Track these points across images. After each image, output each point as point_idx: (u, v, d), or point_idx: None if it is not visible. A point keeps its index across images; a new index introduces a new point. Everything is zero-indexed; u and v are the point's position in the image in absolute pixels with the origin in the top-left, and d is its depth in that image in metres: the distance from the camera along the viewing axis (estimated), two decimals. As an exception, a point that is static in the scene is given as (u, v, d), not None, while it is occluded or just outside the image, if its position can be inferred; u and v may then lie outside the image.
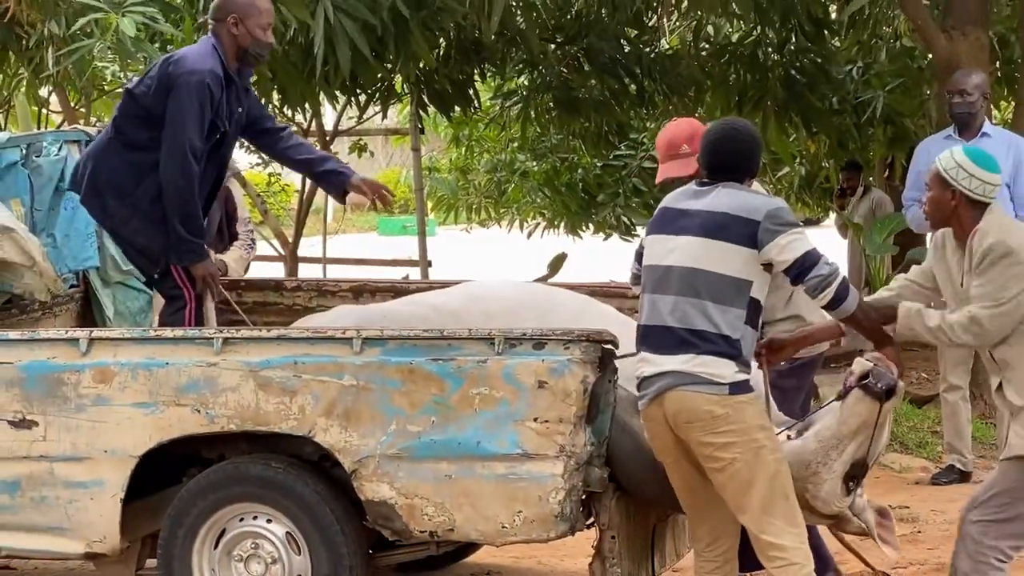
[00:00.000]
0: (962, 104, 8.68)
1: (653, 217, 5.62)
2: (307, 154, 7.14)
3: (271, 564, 5.88)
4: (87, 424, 5.91)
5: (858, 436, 5.52)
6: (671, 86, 12.43)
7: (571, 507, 5.56)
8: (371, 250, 19.60)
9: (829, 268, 5.33)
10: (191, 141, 6.53)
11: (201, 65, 6.56)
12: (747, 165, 5.55)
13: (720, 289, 5.36)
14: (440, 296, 6.50)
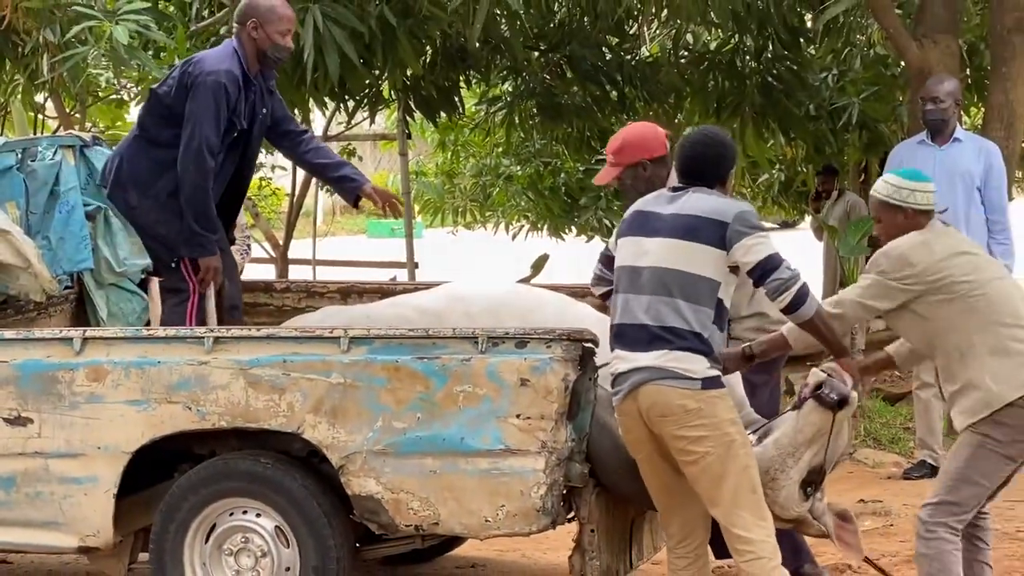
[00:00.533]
0: (935, 111, 8.70)
1: (625, 220, 5.63)
2: (324, 159, 7.21)
3: (261, 557, 5.88)
4: (81, 421, 5.91)
5: (814, 444, 5.55)
6: (651, 93, 12.45)
7: (552, 501, 5.57)
8: (360, 252, 19.60)
9: (790, 273, 5.35)
10: (207, 139, 6.62)
11: (218, 66, 6.66)
12: (715, 171, 5.58)
13: (691, 288, 5.39)
14: (423, 297, 6.52)
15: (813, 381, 5.51)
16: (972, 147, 8.73)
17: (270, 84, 7.00)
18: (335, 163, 7.24)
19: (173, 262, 6.82)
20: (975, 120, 16.02)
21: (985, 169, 8.65)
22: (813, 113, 12.80)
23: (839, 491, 8.47)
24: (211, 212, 6.76)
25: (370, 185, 7.12)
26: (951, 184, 8.58)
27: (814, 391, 5.49)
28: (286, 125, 7.15)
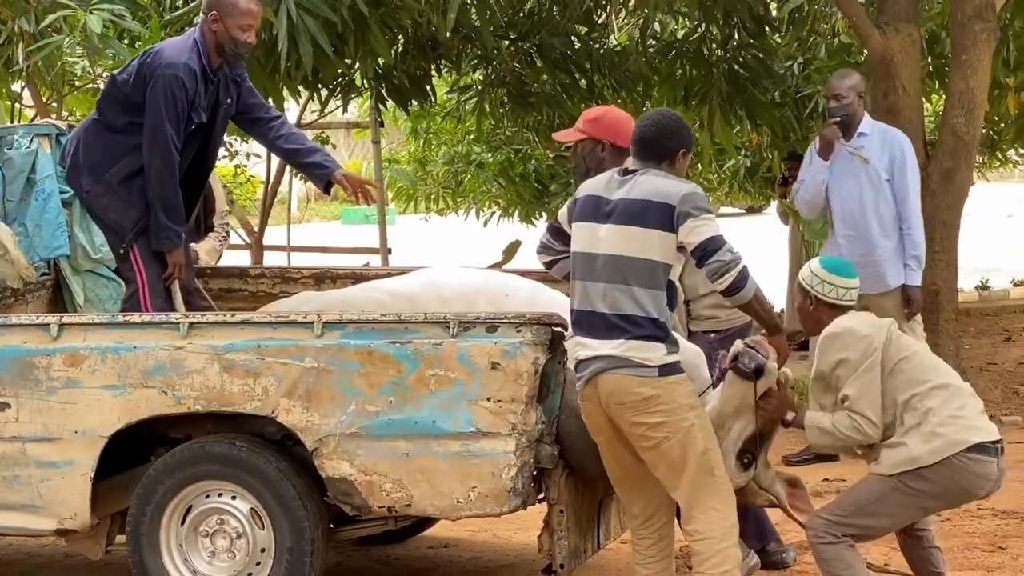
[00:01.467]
0: (838, 108, 8.56)
1: (577, 203, 5.59)
2: (296, 144, 7.12)
3: (236, 539, 5.88)
4: (58, 406, 5.90)
5: (741, 416, 5.56)
6: (620, 81, 12.44)
7: (523, 483, 5.58)
8: (334, 238, 19.54)
9: (731, 256, 5.34)
10: (169, 133, 6.55)
11: (177, 59, 6.59)
12: (666, 145, 5.51)
13: (645, 274, 5.38)
14: (398, 282, 6.51)
15: (731, 353, 5.53)
16: (877, 140, 8.54)
17: (236, 74, 6.90)
18: (307, 148, 7.17)
19: (122, 249, 6.77)
20: (936, 107, 16.09)
21: (890, 160, 8.50)
22: (778, 100, 12.82)
23: (804, 470, 8.50)
24: (179, 205, 6.71)
25: (341, 171, 7.05)
26: (856, 180, 8.51)
27: (731, 362, 5.51)
28: (257, 112, 7.08)
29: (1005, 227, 25.46)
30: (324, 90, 11.76)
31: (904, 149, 8.54)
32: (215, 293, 7.34)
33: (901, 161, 8.49)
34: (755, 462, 5.64)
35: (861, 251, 8.34)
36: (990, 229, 23.10)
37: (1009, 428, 10.32)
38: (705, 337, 6.31)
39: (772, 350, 5.51)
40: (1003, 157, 18.29)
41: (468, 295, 6.18)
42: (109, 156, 6.73)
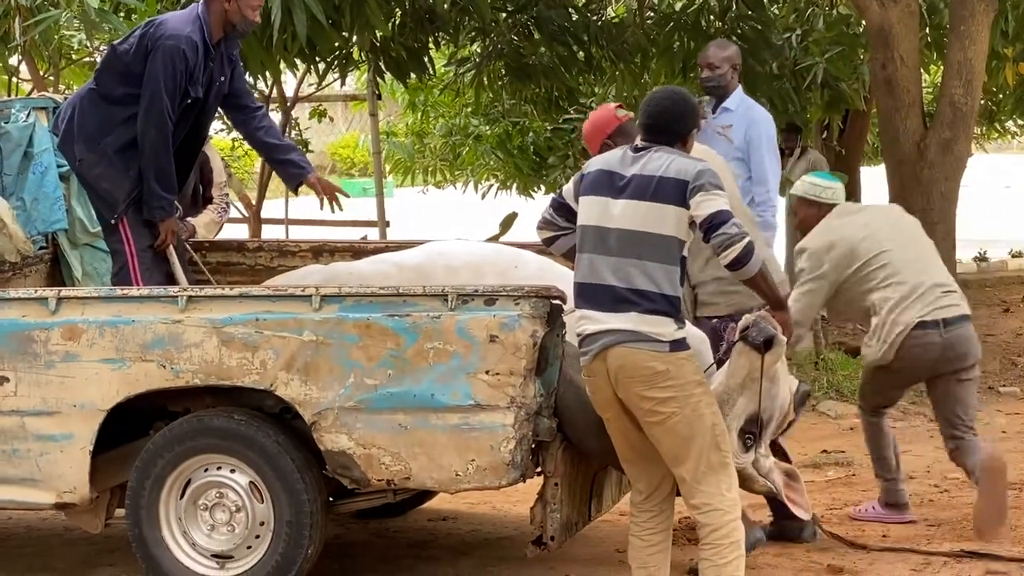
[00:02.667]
0: (712, 77, 8.23)
1: (588, 177, 5.56)
2: (274, 139, 7.13)
3: (235, 512, 5.87)
4: (57, 380, 5.89)
5: (746, 390, 5.54)
6: (617, 53, 12.41)
7: (521, 455, 5.56)
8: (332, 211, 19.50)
9: (737, 230, 5.32)
10: (166, 104, 6.54)
11: (179, 31, 6.59)
12: (679, 127, 5.53)
13: (660, 249, 5.36)
14: (404, 255, 6.48)
15: (740, 325, 5.52)
16: (739, 116, 8.18)
17: (232, 53, 6.91)
18: (284, 146, 7.16)
19: (113, 219, 6.77)
20: (934, 78, 16.06)
21: (746, 139, 8.17)
22: (776, 72, 12.79)
23: (803, 442, 8.54)
24: (172, 174, 6.72)
25: (314, 175, 7.07)
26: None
27: (741, 334, 5.50)
28: (244, 99, 7.08)
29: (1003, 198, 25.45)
30: (321, 63, 11.72)
31: (761, 130, 8.19)
32: (213, 267, 7.33)
33: (757, 142, 8.13)
34: (756, 444, 5.62)
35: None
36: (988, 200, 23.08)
37: (1007, 399, 10.35)
38: (708, 322, 6.28)
39: (777, 323, 5.50)
40: (1001, 128, 18.30)
41: (477, 267, 6.15)
42: (105, 125, 6.72)
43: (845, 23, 13.16)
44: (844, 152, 16.19)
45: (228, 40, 6.81)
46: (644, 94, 9.02)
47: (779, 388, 5.65)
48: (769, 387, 5.57)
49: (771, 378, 5.56)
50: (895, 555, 6.49)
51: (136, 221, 6.77)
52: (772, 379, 5.57)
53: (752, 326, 5.47)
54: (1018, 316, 14.71)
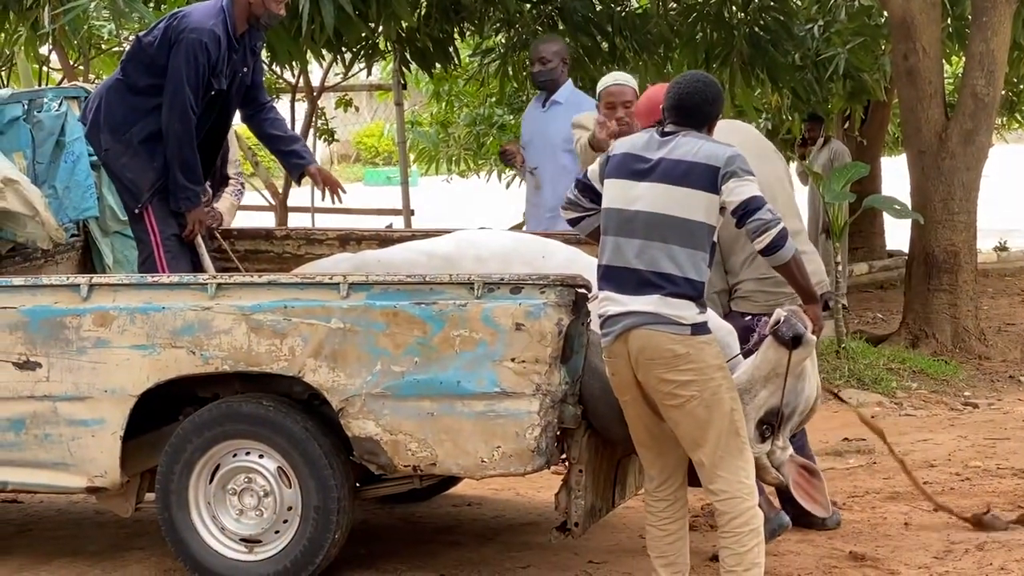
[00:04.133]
0: (543, 72, 8.25)
1: (614, 159, 5.53)
2: (279, 131, 7.16)
3: (263, 497, 5.89)
4: (88, 365, 5.91)
5: (769, 383, 5.50)
6: (641, 44, 12.37)
7: (547, 442, 5.56)
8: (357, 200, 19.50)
9: (771, 215, 5.30)
10: (189, 97, 6.56)
11: (203, 24, 6.59)
12: (709, 112, 5.51)
13: (686, 234, 5.34)
14: (434, 243, 6.48)
15: (773, 319, 5.49)
16: (569, 108, 8.12)
17: (255, 45, 6.93)
18: (288, 137, 7.20)
19: (137, 209, 6.79)
20: (956, 69, 16.00)
21: (570, 136, 8.00)
22: (799, 63, 12.76)
23: (824, 430, 8.53)
24: (197, 165, 6.75)
25: (316, 166, 7.12)
26: (543, 147, 8.23)
27: (771, 328, 5.48)
28: (256, 92, 7.11)
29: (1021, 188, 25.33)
30: (348, 53, 11.73)
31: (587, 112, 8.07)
32: (241, 255, 7.34)
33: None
34: (773, 436, 5.60)
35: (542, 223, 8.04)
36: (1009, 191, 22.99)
37: (1026, 388, 10.32)
38: (741, 319, 6.24)
39: (808, 320, 5.47)
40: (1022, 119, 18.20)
41: (505, 256, 6.13)
42: (131, 116, 6.75)
43: (867, 14, 13.13)
44: (865, 142, 16.16)
45: (252, 32, 6.81)
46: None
47: (805, 384, 5.60)
48: (794, 383, 5.54)
49: (797, 375, 5.52)
50: (917, 542, 6.48)
51: (162, 210, 6.79)
52: (798, 376, 5.53)
53: (783, 322, 5.42)
54: (1038, 306, 14.67)
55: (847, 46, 12.74)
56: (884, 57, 13.44)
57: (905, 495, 7.21)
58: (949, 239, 11.07)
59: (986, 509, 6.81)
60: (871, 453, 8.21)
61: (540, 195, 8.28)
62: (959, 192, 11.04)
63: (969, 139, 10.99)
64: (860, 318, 13.24)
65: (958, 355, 10.90)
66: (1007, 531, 6.57)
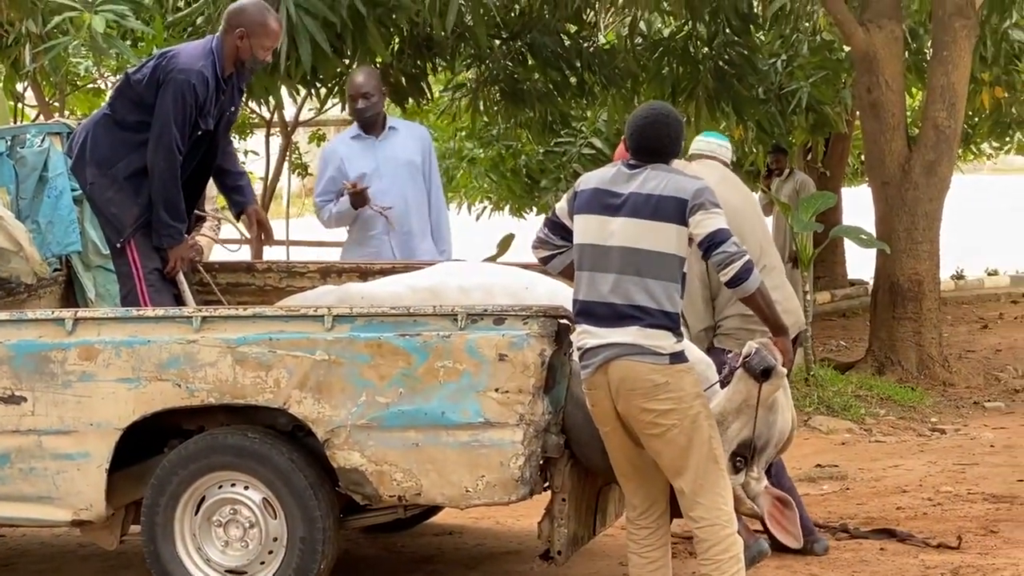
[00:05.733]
0: (369, 107, 7.87)
1: (583, 195, 5.48)
2: (228, 165, 7.04)
3: (249, 528, 5.80)
4: (73, 399, 5.81)
5: (741, 415, 5.44)
6: (609, 78, 12.41)
7: (531, 472, 5.50)
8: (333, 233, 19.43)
9: (736, 248, 5.27)
10: (175, 137, 6.49)
11: (192, 65, 6.50)
12: (674, 147, 5.48)
13: (659, 266, 5.31)
14: (417, 275, 6.42)
15: (744, 352, 5.43)
16: (407, 135, 7.99)
17: (242, 85, 6.88)
18: (236, 173, 7.09)
19: (119, 243, 6.70)
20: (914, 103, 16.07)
21: (424, 155, 7.94)
22: (763, 96, 12.80)
23: (796, 457, 8.48)
24: (180, 203, 6.65)
25: (253, 208, 7.01)
26: (397, 174, 7.85)
27: (743, 361, 5.43)
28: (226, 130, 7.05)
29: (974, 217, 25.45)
30: (323, 88, 11.68)
31: (430, 141, 8.11)
32: (222, 288, 7.24)
33: (431, 153, 8.03)
34: (746, 467, 5.54)
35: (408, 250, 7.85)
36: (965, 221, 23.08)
37: (992, 413, 10.33)
38: (722, 354, 6.18)
39: (779, 353, 5.42)
40: (977, 150, 18.30)
41: (489, 288, 6.08)
42: (117, 151, 6.66)
43: (828, 48, 13.19)
44: (828, 173, 16.22)
45: (239, 73, 6.75)
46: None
47: (777, 416, 5.54)
48: (766, 415, 5.48)
49: (769, 406, 5.47)
50: (893, 567, 6.44)
51: (144, 244, 6.70)
52: (770, 407, 5.48)
53: (754, 354, 5.37)
54: (996, 332, 14.73)
55: (809, 80, 12.81)
56: (845, 90, 13.49)
57: (879, 520, 7.17)
58: (913, 268, 11.09)
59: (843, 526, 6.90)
60: (844, 479, 8.18)
61: (394, 231, 7.86)
62: (922, 222, 11.06)
63: (931, 170, 11.02)
64: (824, 346, 13.24)
65: (923, 382, 10.91)
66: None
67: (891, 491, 7.82)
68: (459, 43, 11.88)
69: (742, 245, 5.32)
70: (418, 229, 7.92)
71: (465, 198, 16.25)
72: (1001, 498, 7.62)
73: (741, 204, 6.34)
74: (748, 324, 6.18)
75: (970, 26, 10.95)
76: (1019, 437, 9.41)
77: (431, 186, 8.03)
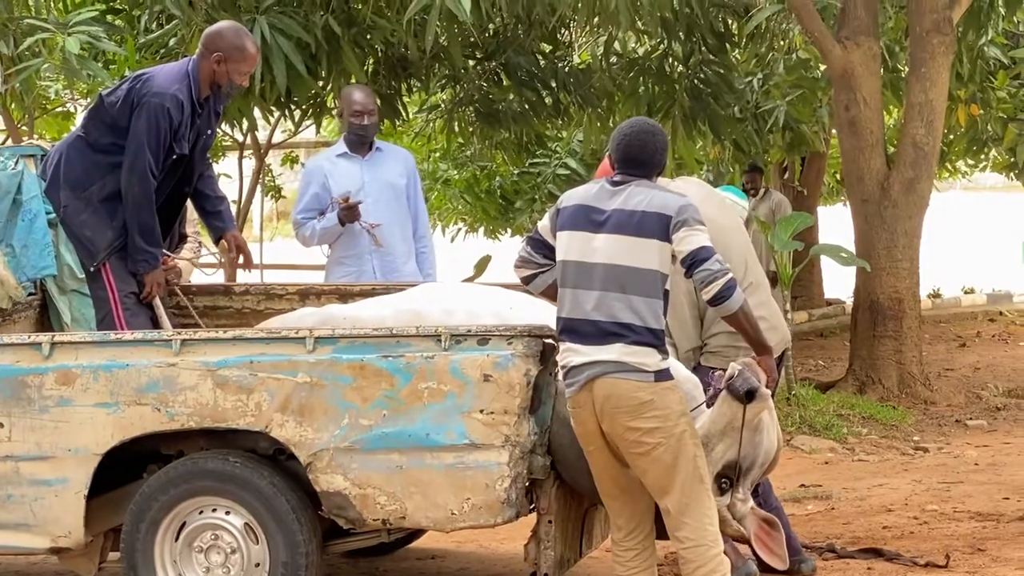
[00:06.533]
0: (371, 125, 7.93)
1: (563, 212, 5.47)
2: (208, 190, 7.01)
3: (230, 554, 5.74)
4: (51, 424, 5.75)
5: (726, 437, 5.41)
6: (584, 98, 12.40)
7: (516, 494, 5.47)
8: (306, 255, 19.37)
9: (719, 266, 5.25)
10: (149, 161, 6.43)
11: (166, 88, 6.46)
12: (658, 162, 5.47)
13: (643, 283, 5.29)
14: (400, 296, 6.38)
15: (728, 373, 5.40)
16: (392, 156, 8.03)
17: (219, 108, 6.83)
18: (216, 198, 7.06)
19: (93, 267, 6.65)
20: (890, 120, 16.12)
21: (409, 177, 7.96)
22: (739, 115, 12.81)
23: (780, 477, 8.46)
24: (156, 228, 6.61)
25: (232, 234, 6.98)
26: (382, 195, 7.86)
27: (727, 382, 5.39)
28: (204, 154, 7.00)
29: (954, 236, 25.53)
30: (297, 110, 11.64)
31: (415, 165, 8.12)
32: (200, 311, 7.19)
33: (415, 177, 8.04)
34: (732, 489, 5.51)
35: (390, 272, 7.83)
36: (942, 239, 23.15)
37: (974, 431, 10.33)
38: (710, 372, 6.15)
39: (762, 374, 5.39)
40: (952, 168, 18.37)
41: (472, 308, 6.05)
42: (91, 173, 6.61)
43: (804, 67, 13.22)
44: (805, 192, 16.25)
45: (215, 97, 6.70)
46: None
47: (763, 436, 5.50)
48: (751, 436, 5.44)
49: (754, 428, 5.43)
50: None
51: (119, 268, 6.65)
52: (755, 428, 5.44)
53: (737, 376, 5.34)
54: (974, 351, 14.76)
55: (786, 98, 12.83)
56: (822, 109, 13.52)
57: (866, 539, 7.15)
58: (893, 286, 11.10)
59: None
60: (828, 499, 8.17)
61: (381, 250, 7.84)
62: (902, 239, 11.08)
63: (910, 187, 11.04)
64: (803, 365, 13.23)
65: (904, 400, 10.91)
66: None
67: (876, 510, 7.80)
68: (434, 63, 11.86)
69: (725, 263, 5.30)
70: (401, 251, 7.89)
71: (440, 220, 16.22)
72: (987, 516, 7.61)
73: (725, 222, 6.33)
74: (735, 342, 6.15)
75: (947, 42, 10.99)
76: (1003, 455, 9.42)
77: (416, 211, 8.03)
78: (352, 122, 7.91)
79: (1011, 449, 9.63)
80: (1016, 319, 16.99)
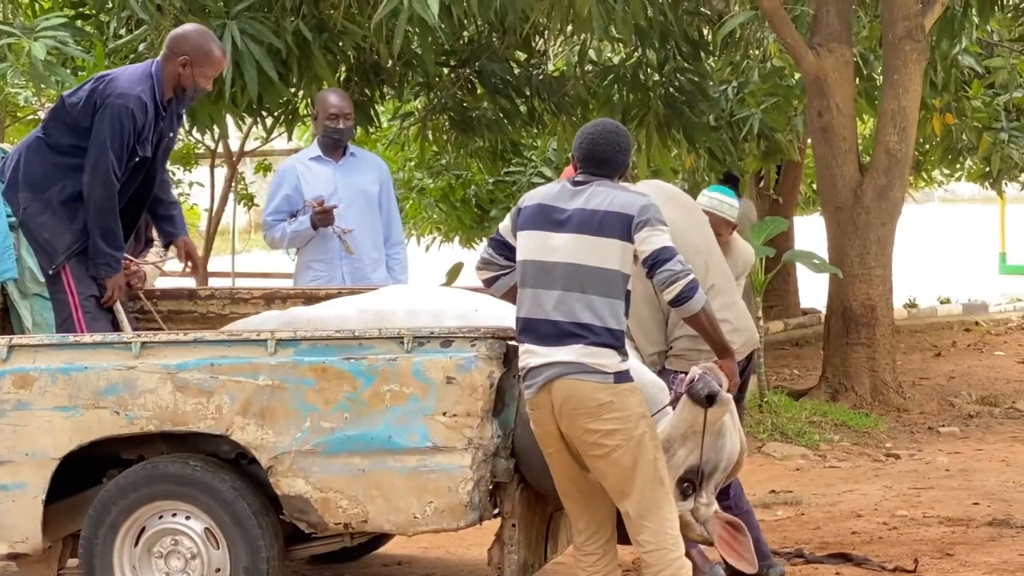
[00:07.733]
0: (347, 128, 7.89)
1: (523, 212, 5.43)
2: (162, 194, 6.94)
3: (191, 559, 5.68)
4: (8, 428, 5.68)
5: (687, 441, 5.37)
6: (559, 106, 12.35)
7: (479, 497, 5.42)
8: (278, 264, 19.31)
9: (681, 267, 5.22)
10: (112, 163, 6.36)
11: (130, 90, 6.39)
12: (620, 161, 5.42)
13: (603, 283, 5.25)
14: (364, 298, 6.32)
15: (688, 377, 5.35)
16: (366, 162, 8.00)
17: (181, 110, 6.77)
18: (169, 202, 7.00)
19: (52, 269, 6.58)
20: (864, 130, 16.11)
21: (382, 185, 7.92)
22: (714, 124, 12.78)
23: (751, 483, 8.42)
24: (118, 231, 6.54)
25: (183, 240, 6.92)
26: (354, 200, 7.82)
27: (687, 386, 5.34)
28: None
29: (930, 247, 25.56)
30: (268, 117, 11.57)
31: (388, 172, 8.06)
32: (164, 315, 7.13)
33: (390, 184, 8.01)
34: (695, 493, 5.45)
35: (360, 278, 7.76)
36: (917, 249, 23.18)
37: (947, 438, 10.31)
38: (674, 375, 6.10)
39: (724, 377, 5.34)
40: (928, 177, 18.36)
41: (437, 311, 5.99)
42: (51, 174, 6.54)
43: (779, 75, 13.18)
44: (780, 200, 16.23)
45: (178, 99, 6.64)
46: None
47: (725, 440, 5.46)
48: (713, 440, 5.40)
49: (716, 431, 5.38)
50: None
51: (80, 271, 6.58)
52: (717, 432, 5.40)
53: (698, 379, 5.29)
54: (949, 360, 14.74)
55: (761, 107, 12.79)
56: (797, 117, 13.50)
57: (835, 545, 7.11)
58: (866, 293, 11.07)
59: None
60: (799, 505, 8.13)
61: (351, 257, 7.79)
62: (875, 247, 11.05)
63: (883, 194, 11.02)
64: (777, 374, 13.20)
65: (877, 408, 10.88)
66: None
67: (846, 516, 7.76)
68: (407, 71, 11.81)
69: (687, 264, 5.26)
70: (371, 258, 7.85)
71: (415, 229, 16.16)
72: (956, 521, 7.58)
73: (686, 225, 6.28)
74: (698, 345, 6.09)
75: (920, 49, 10.98)
76: (974, 461, 9.40)
77: (390, 219, 7.98)
78: (327, 125, 7.87)
79: (982, 455, 9.61)
80: (991, 329, 17.00)
